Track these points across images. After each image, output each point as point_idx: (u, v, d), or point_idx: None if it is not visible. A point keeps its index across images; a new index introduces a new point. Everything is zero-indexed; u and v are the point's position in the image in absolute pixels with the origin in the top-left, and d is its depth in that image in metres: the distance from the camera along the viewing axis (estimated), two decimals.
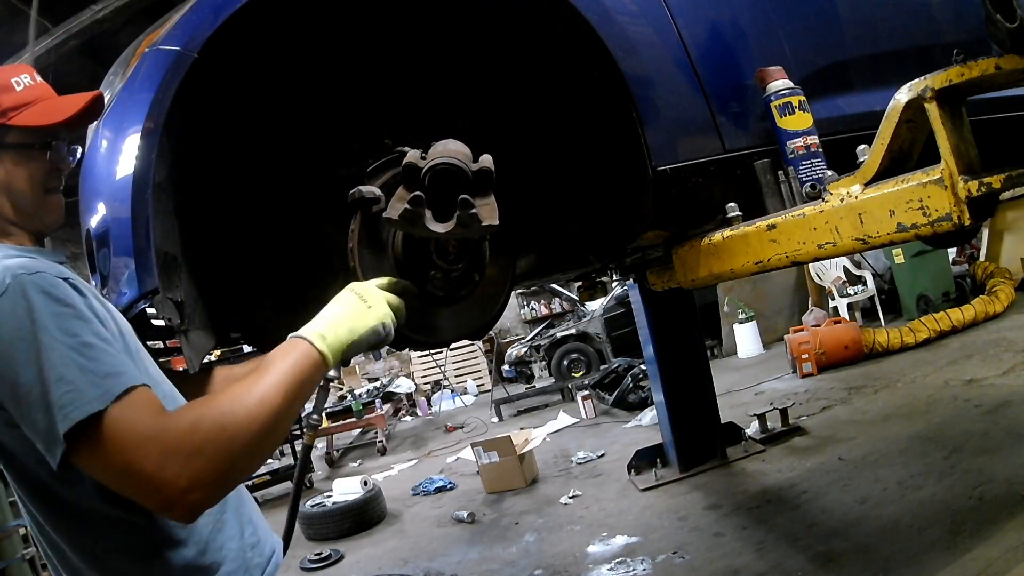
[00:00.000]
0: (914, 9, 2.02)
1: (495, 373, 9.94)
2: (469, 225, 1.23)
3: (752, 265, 1.57)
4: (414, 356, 10.74)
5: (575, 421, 6.80)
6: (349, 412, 7.76)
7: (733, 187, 1.66)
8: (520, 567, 3.50)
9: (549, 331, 10.21)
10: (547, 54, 1.65)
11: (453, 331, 1.51)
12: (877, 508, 3.11)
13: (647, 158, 1.54)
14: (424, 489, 5.31)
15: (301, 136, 1.67)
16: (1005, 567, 2.32)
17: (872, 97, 1.77)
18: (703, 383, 4.34)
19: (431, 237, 1.27)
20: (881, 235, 1.28)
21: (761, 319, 8.21)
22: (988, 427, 3.69)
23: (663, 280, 2.38)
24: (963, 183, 1.10)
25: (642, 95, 1.54)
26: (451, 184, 1.23)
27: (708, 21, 1.70)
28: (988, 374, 4.72)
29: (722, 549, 3.14)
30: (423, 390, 10.57)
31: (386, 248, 1.38)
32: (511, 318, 12.49)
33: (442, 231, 1.24)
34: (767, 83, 1.64)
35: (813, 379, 6.10)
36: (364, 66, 1.59)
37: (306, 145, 1.66)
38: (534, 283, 4.34)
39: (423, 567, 3.78)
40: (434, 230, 1.23)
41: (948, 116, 1.13)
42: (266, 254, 1.75)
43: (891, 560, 2.62)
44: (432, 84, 1.68)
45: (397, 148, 1.41)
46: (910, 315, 7.03)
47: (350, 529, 4.57)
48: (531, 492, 4.74)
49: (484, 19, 1.57)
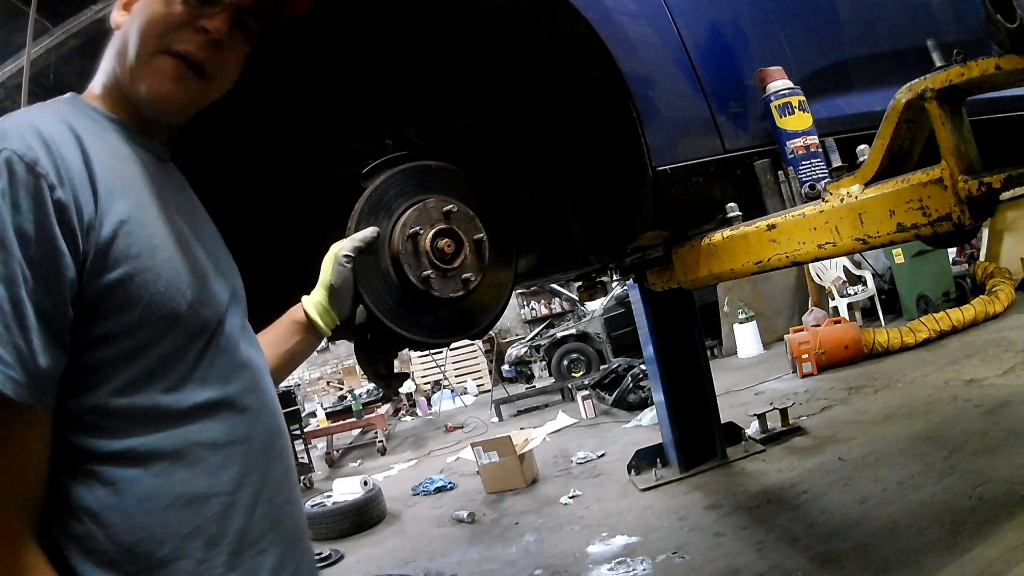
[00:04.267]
0: (914, 9, 2.02)
1: (495, 373, 9.94)
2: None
3: (752, 265, 1.57)
4: (414, 356, 10.73)
5: (575, 421, 6.80)
6: (349, 412, 7.76)
7: (733, 187, 1.66)
8: (520, 567, 3.50)
9: (549, 331, 10.22)
10: (547, 54, 1.65)
11: (453, 331, 1.51)
12: (877, 508, 3.11)
13: (647, 158, 1.54)
14: (424, 489, 5.31)
15: (300, 136, 1.67)
16: (1005, 567, 2.32)
17: (872, 97, 1.77)
18: (703, 383, 4.34)
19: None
20: (881, 235, 1.27)
21: (761, 319, 8.21)
22: (988, 427, 3.69)
23: (663, 280, 2.37)
24: (963, 183, 1.10)
25: (642, 95, 1.54)
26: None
27: (708, 21, 1.70)
28: (988, 374, 4.72)
29: (722, 549, 3.14)
30: (423, 390, 10.57)
31: (383, 247, 1.39)
32: (511, 318, 12.49)
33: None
34: (767, 83, 1.64)
35: (813, 379, 6.10)
36: (364, 65, 1.59)
37: (305, 145, 1.66)
38: (534, 283, 4.35)
39: (423, 567, 3.78)
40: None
41: (948, 116, 1.13)
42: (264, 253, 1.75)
43: (891, 560, 2.62)
44: (432, 84, 1.68)
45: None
46: (910, 315, 7.04)
47: (350, 529, 4.57)
48: (531, 492, 4.75)
49: (484, 19, 1.57)
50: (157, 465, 0.79)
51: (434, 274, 1.39)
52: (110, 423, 0.78)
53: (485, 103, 1.74)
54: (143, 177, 0.87)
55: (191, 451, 0.81)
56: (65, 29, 1.37)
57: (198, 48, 0.88)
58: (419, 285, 1.38)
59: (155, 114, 0.91)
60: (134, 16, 0.89)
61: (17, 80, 1.38)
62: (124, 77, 0.89)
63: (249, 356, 0.93)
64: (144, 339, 0.79)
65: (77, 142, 0.79)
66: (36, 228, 0.72)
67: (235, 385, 0.88)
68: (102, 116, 0.89)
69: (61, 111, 0.84)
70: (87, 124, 0.85)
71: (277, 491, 0.91)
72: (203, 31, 0.87)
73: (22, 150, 0.73)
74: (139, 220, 0.81)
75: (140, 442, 0.78)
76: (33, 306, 0.71)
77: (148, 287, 0.79)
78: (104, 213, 0.77)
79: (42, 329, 0.72)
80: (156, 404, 0.80)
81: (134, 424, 0.79)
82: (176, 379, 0.82)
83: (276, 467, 0.91)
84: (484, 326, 1.56)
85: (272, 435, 0.92)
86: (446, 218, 1.42)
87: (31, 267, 0.71)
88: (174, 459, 0.80)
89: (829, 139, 1.54)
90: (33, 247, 0.72)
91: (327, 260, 1.23)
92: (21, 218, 0.71)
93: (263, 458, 0.89)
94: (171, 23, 0.86)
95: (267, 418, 0.92)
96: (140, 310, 0.79)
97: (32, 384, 0.71)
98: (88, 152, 0.79)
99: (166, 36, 0.87)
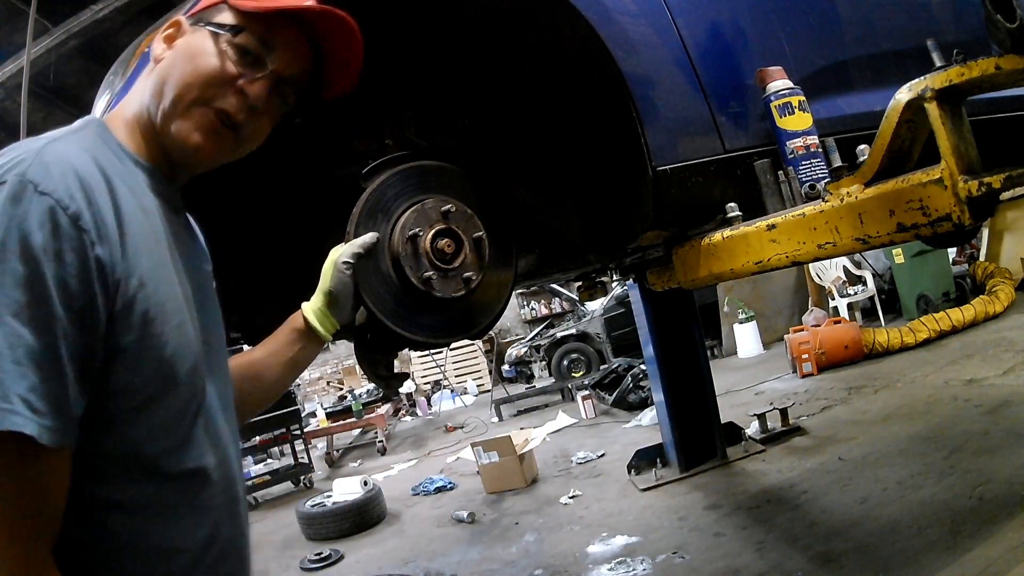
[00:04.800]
0: (914, 9, 2.02)
1: (495, 373, 9.93)
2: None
3: (752, 265, 1.57)
4: (414, 356, 10.73)
5: (575, 421, 6.80)
6: (349, 412, 7.77)
7: (733, 187, 1.66)
8: (520, 567, 3.50)
9: (549, 331, 10.22)
10: (547, 54, 1.65)
11: (454, 331, 1.51)
12: (877, 508, 3.11)
13: (647, 158, 1.54)
14: (424, 489, 5.31)
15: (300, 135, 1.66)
16: (1005, 567, 2.32)
17: (872, 97, 1.77)
18: (703, 383, 4.34)
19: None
20: (881, 235, 1.27)
21: (761, 319, 8.21)
22: (988, 427, 3.69)
23: (663, 280, 2.38)
24: (963, 183, 1.10)
25: (642, 95, 1.54)
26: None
27: (708, 21, 1.70)
28: (988, 374, 4.73)
29: (722, 549, 3.14)
30: (423, 390, 10.56)
31: (382, 248, 1.39)
32: (511, 318, 12.49)
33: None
34: (767, 83, 1.64)
35: (813, 379, 6.10)
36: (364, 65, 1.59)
37: (305, 144, 1.66)
38: (534, 283, 4.34)
39: (423, 567, 3.78)
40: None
41: (948, 116, 1.13)
42: (265, 253, 1.75)
43: (891, 560, 2.62)
44: (432, 84, 1.68)
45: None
46: (910, 315, 7.04)
47: (350, 529, 4.57)
48: (531, 492, 4.75)
49: (485, 20, 1.57)
50: (143, 517, 0.82)
51: (435, 275, 1.39)
52: (116, 471, 0.81)
53: (485, 103, 1.74)
54: (162, 234, 0.88)
55: (175, 510, 0.86)
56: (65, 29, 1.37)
57: (237, 110, 0.90)
58: (420, 286, 1.38)
59: (183, 159, 0.92)
60: (178, 57, 0.90)
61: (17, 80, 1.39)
62: (157, 117, 0.89)
63: (222, 426, 0.96)
64: (148, 398, 0.81)
65: (109, 191, 0.79)
66: (79, 283, 0.73)
67: (213, 454, 0.91)
68: (129, 158, 0.89)
69: (92, 145, 0.84)
70: (115, 166, 0.85)
71: (233, 551, 0.96)
72: (242, 94, 0.90)
73: (66, 201, 0.73)
74: (155, 283, 0.82)
75: (136, 494, 0.82)
76: (69, 359, 0.73)
77: (156, 351, 0.81)
78: (129, 274, 0.78)
79: (76, 380, 0.73)
80: (157, 462, 0.83)
81: (134, 476, 0.82)
82: (178, 441, 0.85)
83: (235, 530, 0.96)
84: (484, 326, 1.56)
85: (234, 503, 0.96)
86: (445, 218, 1.42)
87: (70, 319, 0.72)
88: (160, 512, 0.84)
89: (829, 139, 1.54)
90: (76, 301, 0.73)
91: (327, 266, 1.24)
92: (64, 272, 0.72)
93: (227, 522, 0.94)
94: (216, 79, 0.89)
95: (233, 487, 0.96)
96: (148, 370, 0.81)
97: (65, 430, 0.73)
98: (120, 204, 0.80)
99: (209, 89, 0.89)
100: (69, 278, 0.72)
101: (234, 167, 1.00)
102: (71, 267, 0.73)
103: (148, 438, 0.82)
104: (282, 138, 1.62)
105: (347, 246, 1.27)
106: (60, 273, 0.72)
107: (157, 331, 0.81)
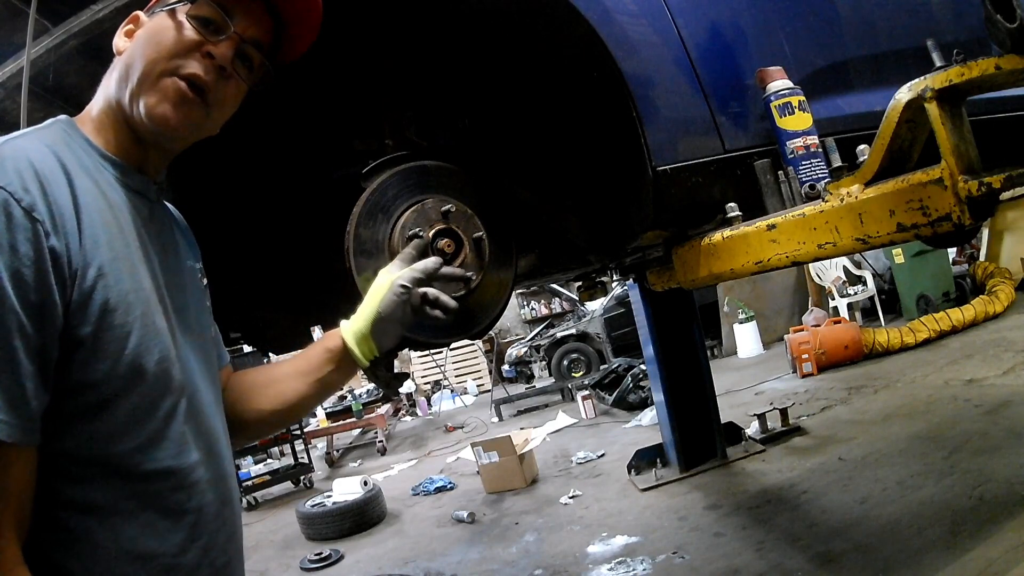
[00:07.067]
0: (914, 9, 2.02)
1: (495, 373, 9.93)
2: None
3: (752, 265, 1.57)
4: (414, 356, 10.73)
5: (575, 421, 6.80)
6: (349, 412, 7.76)
7: (733, 187, 1.66)
8: (520, 567, 3.50)
9: (549, 331, 10.22)
10: (547, 54, 1.65)
11: (454, 331, 1.51)
12: (877, 508, 3.11)
13: (647, 158, 1.54)
14: (424, 489, 5.31)
15: (300, 135, 1.67)
16: (1005, 567, 2.32)
17: (872, 97, 1.77)
18: (703, 383, 4.34)
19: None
20: (881, 235, 1.27)
21: (761, 319, 8.21)
22: (988, 427, 3.69)
23: (663, 280, 2.38)
24: (963, 183, 1.10)
25: (642, 95, 1.54)
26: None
27: (708, 21, 1.70)
28: (988, 374, 4.73)
29: (722, 549, 3.14)
30: (423, 390, 10.56)
31: (382, 249, 1.39)
32: (511, 318, 12.49)
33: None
34: (767, 83, 1.64)
35: (813, 379, 6.10)
36: (364, 66, 1.59)
37: (306, 144, 1.66)
38: (534, 283, 4.34)
39: (423, 567, 3.78)
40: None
41: (948, 116, 1.13)
42: (265, 254, 1.75)
43: (891, 560, 2.62)
44: (432, 84, 1.68)
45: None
46: (910, 315, 7.04)
47: (350, 529, 4.57)
48: (531, 492, 4.75)
49: (485, 20, 1.57)
50: (110, 520, 0.81)
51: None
52: (79, 471, 0.79)
53: (485, 103, 1.74)
54: (129, 226, 0.87)
55: (143, 514, 0.83)
56: (65, 29, 1.36)
57: (205, 71, 0.90)
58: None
59: (153, 136, 0.91)
60: (139, 42, 0.91)
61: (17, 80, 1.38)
62: (125, 99, 0.89)
63: (212, 424, 0.94)
64: (113, 393, 0.80)
65: (68, 183, 0.79)
66: (34, 274, 0.72)
67: (195, 454, 0.89)
68: (95, 152, 0.89)
69: (54, 141, 0.84)
70: (80, 159, 0.84)
71: (220, 555, 0.93)
72: (209, 56, 0.90)
73: (19, 193, 0.73)
74: (117, 273, 0.81)
75: (100, 495, 0.80)
76: (25, 352, 0.72)
77: (118, 343, 0.80)
78: (87, 264, 0.78)
79: (34, 374, 0.73)
80: (122, 461, 0.81)
81: (98, 476, 0.80)
82: (145, 439, 0.83)
83: (221, 533, 0.93)
84: (485, 325, 1.56)
85: (221, 505, 0.93)
86: (445, 218, 1.43)
87: (26, 312, 0.72)
88: (126, 517, 0.82)
89: (829, 139, 1.54)
90: (31, 293, 0.72)
91: (379, 287, 1.12)
92: (19, 263, 0.72)
93: (211, 525, 0.91)
94: (181, 48, 0.89)
95: (220, 487, 0.93)
96: (109, 363, 0.79)
97: (23, 426, 0.72)
98: (77, 196, 0.79)
99: (174, 60, 0.89)
100: (24, 269, 0.72)
101: (234, 167, 1.00)
102: (25, 258, 0.72)
103: (114, 435, 0.80)
104: (282, 138, 1.63)
105: (406, 269, 1.15)
106: (14, 264, 0.71)
107: (118, 322, 0.80)
